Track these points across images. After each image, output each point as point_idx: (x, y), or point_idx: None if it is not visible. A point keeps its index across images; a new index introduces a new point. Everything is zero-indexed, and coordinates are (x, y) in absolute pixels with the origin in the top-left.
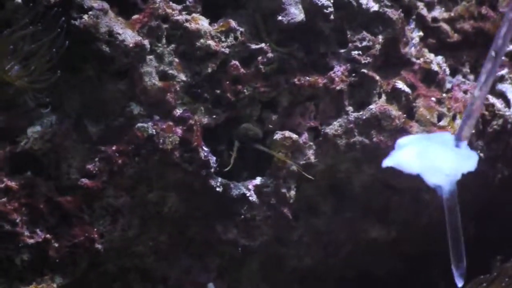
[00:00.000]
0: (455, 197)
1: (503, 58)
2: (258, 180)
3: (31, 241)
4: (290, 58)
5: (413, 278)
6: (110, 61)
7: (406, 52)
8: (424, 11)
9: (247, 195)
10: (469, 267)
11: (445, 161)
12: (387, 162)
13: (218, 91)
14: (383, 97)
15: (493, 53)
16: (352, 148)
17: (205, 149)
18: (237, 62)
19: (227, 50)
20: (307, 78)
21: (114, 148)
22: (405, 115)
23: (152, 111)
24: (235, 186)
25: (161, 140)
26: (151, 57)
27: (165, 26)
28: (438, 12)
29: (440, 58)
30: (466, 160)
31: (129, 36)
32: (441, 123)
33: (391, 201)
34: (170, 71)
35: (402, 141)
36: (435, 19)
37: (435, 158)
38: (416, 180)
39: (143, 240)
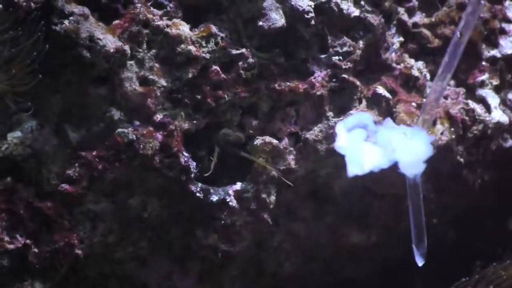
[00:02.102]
0: (418, 183)
1: (484, 64)
2: (238, 186)
3: (11, 246)
4: (270, 63)
5: (393, 283)
6: (90, 66)
7: (386, 57)
8: (404, 17)
9: (227, 200)
10: (449, 271)
11: (408, 152)
12: (353, 171)
13: (198, 97)
14: (364, 102)
15: (451, 47)
16: (333, 153)
17: (186, 154)
18: (217, 68)
19: (207, 56)
20: (288, 83)
21: (94, 153)
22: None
23: (132, 117)
24: (215, 191)
25: (141, 146)
26: (131, 62)
27: (145, 31)
28: (419, 18)
29: (420, 64)
30: (423, 145)
31: (109, 41)
32: None
33: (371, 206)
34: (151, 77)
35: (341, 128)
36: (415, 25)
37: (399, 151)
38: (397, 186)
39: (123, 245)
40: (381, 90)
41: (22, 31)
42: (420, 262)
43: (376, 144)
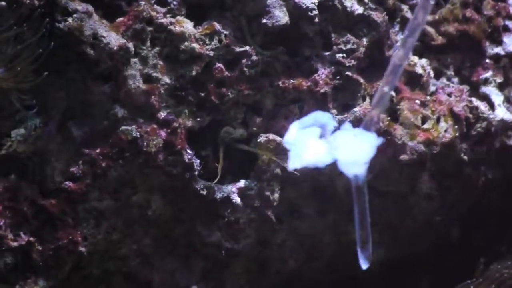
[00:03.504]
0: (363, 180)
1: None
2: (242, 183)
3: (15, 244)
4: (274, 61)
5: (397, 281)
6: (94, 64)
7: (390, 54)
8: (408, 14)
9: (231, 197)
10: (453, 269)
11: (350, 152)
12: (293, 165)
13: (202, 94)
14: (367, 99)
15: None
16: None
17: (189, 152)
18: (221, 65)
19: (211, 53)
20: (291, 80)
21: (98, 151)
22: (389, 118)
23: (136, 114)
24: (219, 189)
25: (145, 143)
26: (135, 60)
27: (149, 29)
28: None
29: (424, 61)
30: (368, 144)
31: (113, 39)
32: (425, 126)
33: (374, 204)
34: (154, 74)
35: (294, 126)
36: None
37: (341, 150)
38: (400, 183)
39: (127, 243)
40: None
41: (26, 29)
42: (364, 266)
43: (322, 141)
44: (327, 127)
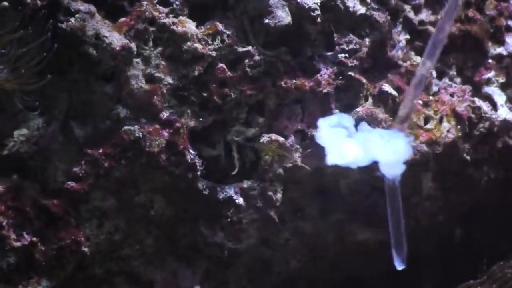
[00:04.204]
0: (397, 185)
1: (490, 61)
2: (244, 183)
3: (18, 244)
4: (277, 61)
5: (401, 280)
6: (97, 64)
7: (393, 55)
8: (411, 14)
9: (234, 198)
10: (456, 268)
11: (387, 153)
12: (333, 160)
13: (205, 94)
14: (370, 100)
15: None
16: None
17: (192, 152)
18: (224, 65)
19: (214, 53)
20: (294, 81)
21: (100, 151)
22: (391, 118)
23: (138, 114)
24: (221, 189)
25: (147, 143)
26: (138, 60)
27: (152, 29)
28: (425, 15)
29: None
30: (403, 148)
31: (116, 39)
32: (428, 126)
33: (378, 203)
34: (157, 74)
35: (323, 122)
36: (422, 22)
37: (378, 151)
38: (403, 184)
39: (129, 243)
40: (387, 87)
41: (30, 30)
42: (399, 267)
43: (356, 143)
44: (349, 130)
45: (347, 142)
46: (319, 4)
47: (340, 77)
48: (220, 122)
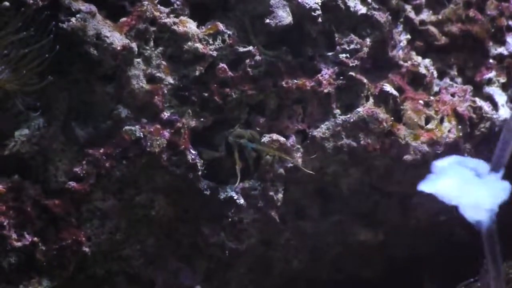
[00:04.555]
0: (494, 230)
1: (491, 61)
2: (245, 183)
3: (19, 244)
4: (277, 61)
5: (401, 281)
6: (97, 64)
7: (393, 55)
8: (411, 14)
9: (235, 198)
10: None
11: (485, 195)
12: (424, 187)
13: (205, 94)
14: (371, 100)
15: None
16: (340, 151)
17: (193, 152)
18: (224, 65)
19: (215, 53)
20: (295, 81)
21: (101, 151)
22: (392, 118)
23: (139, 114)
24: (222, 189)
25: (148, 143)
26: (138, 60)
27: (152, 29)
28: (426, 15)
29: (427, 61)
30: (501, 191)
31: (116, 39)
32: (429, 126)
33: (378, 204)
34: (158, 74)
35: (439, 163)
36: (422, 22)
37: (475, 192)
38: (404, 184)
39: (130, 243)
40: (388, 87)
41: (32, 32)
42: None
43: (462, 182)
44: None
45: (454, 178)
46: (320, 4)
47: (341, 77)
48: (221, 122)
